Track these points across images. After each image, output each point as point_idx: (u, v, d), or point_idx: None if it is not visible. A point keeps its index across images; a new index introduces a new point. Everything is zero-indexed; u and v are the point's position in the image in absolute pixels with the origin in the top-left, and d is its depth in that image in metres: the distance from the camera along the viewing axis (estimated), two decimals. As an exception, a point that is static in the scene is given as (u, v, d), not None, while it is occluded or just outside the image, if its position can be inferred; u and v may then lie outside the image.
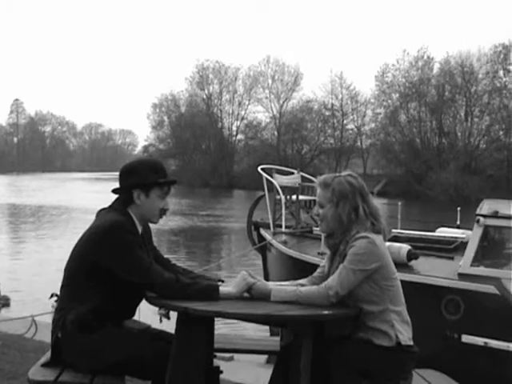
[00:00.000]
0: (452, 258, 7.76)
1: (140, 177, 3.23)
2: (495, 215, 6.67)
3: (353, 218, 3.22)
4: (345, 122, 69.02)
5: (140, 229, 3.31)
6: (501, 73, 56.38)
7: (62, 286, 3.27)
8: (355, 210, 3.22)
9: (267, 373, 3.50)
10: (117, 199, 3.31)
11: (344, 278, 3.10)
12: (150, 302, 3.14)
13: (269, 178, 10.52)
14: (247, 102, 75.47)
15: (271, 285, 3.26)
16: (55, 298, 10.92)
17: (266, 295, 3.16)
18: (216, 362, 3.53)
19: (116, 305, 3.19)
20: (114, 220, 3.15)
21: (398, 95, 60.54)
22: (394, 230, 9.19)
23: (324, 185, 3.31)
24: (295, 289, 3.18)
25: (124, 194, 3.26)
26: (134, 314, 3.40)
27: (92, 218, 3.32)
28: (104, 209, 3.32)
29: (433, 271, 6.99)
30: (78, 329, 3.09)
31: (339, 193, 3.24)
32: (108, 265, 3.11)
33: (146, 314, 4.00)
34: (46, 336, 7.01)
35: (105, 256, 3.10)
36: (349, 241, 3.18)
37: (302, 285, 3.34)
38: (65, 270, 3.26)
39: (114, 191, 3.30)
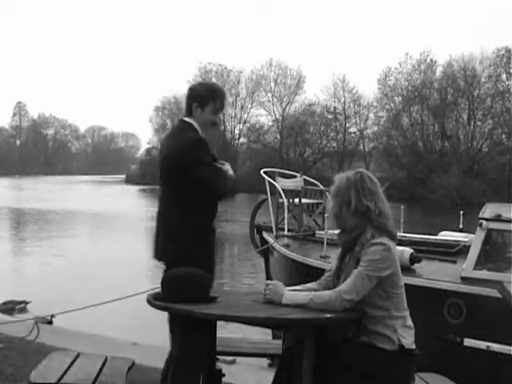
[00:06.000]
0: (455, 262, 7.76)
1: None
2: (498, 219, 6.66)
3: (344, 213, 3.24)
4: (347, 125, 68.86)
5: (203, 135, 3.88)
6: (504, 76, 56.34)
7: None
8: (347, 204, 3.24)
9: (269, 376, 3.49)
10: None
11: (359, 284, 3.08)
12: (152, 306, 3.14)
13: (271, 181, 10.52)
14: (250, 106, 75.38)
15: (286, 289, 3.25)
16: (23, 305, 11.06)
17: (278, 297, 3.18)
18: (218, 365, 3.53)
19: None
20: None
21: (400, 98, 60.52)
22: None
23: (334, 182, 3.39)
24: (308, 293, 3.18)
25: (187, 106, 3.94)
26: None
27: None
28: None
29: (435, 275, 6.99)
30: None
31: (336, 187, 3.31)
32: None
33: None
34: (47, 339, 7.01)
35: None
36: (364, 243, 3.16)
37: (314, 289, 3.33)
38: None
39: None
